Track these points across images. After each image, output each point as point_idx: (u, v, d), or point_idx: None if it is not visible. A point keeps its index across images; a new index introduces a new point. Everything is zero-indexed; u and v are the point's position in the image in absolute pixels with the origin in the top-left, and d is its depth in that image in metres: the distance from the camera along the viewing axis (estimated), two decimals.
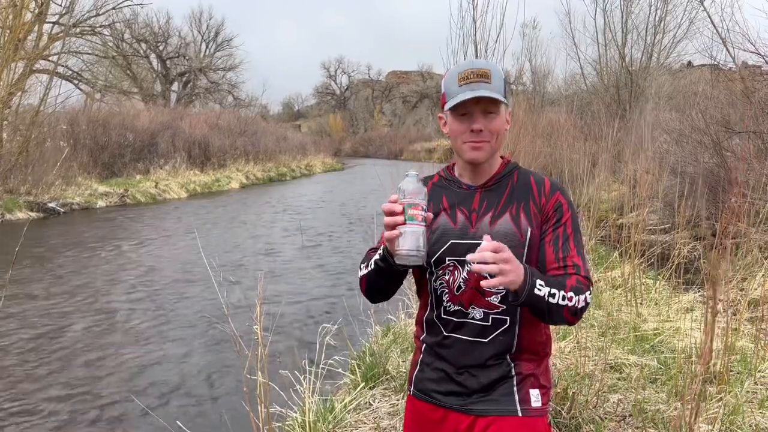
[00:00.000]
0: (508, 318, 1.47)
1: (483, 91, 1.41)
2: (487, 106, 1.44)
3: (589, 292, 1.44)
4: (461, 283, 1.48)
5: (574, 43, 19.71)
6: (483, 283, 1.36)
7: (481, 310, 1.47)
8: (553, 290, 1.37)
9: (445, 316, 1.52)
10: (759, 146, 6.88)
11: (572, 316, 1.40)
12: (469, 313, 1.49)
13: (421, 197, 1.34)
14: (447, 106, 1.48)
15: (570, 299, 1.39)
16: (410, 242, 1.32)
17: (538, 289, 1.34)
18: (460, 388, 1.51)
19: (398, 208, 1.34)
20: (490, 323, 1.47)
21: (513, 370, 1.49)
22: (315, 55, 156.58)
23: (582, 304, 1.41)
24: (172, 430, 3.34)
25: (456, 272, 1.49)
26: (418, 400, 1.59)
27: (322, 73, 77.70)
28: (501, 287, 1.34)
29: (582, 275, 1.44)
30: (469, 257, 1.31)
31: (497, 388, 1.49)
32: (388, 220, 1.35)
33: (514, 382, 1.49)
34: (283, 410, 3.22)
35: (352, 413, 3.19)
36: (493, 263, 1.27)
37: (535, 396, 1.49)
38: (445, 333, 1.52)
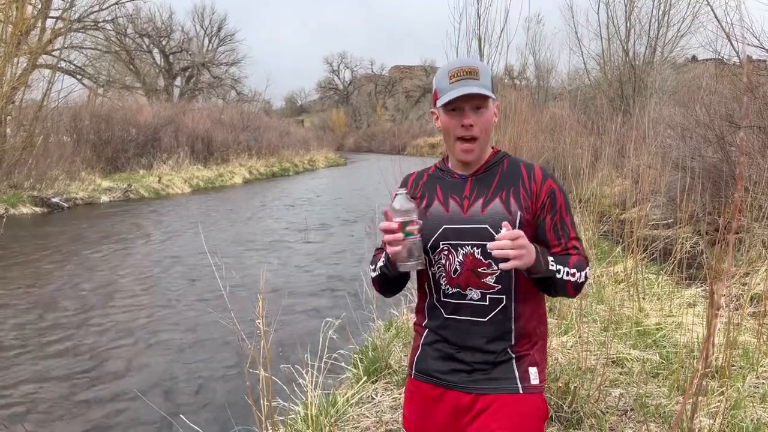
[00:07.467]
0: (504, 297, 1.55)
1: (473, 88, 1.49)
2: (477, 101, 1.53)
3: (588, 268, 1.59)
4: (457, 266, 1.55)
5: (576, 38, 19.65)
6: (501, 265, 1.42)
7: (478, 290, 1.54)
8: (559, 266, 1.51)
9: (444, 299, 1.59)
10: (763, 141, 6.85)
11: (573, 289, 1.55)
12: (467, 295, 1.55)
13: (414, 212, 1.49)
14: (439, 103, 1.55)
15: (573, 274, 1.52)
16: (412, 253, 1.48)
17: (551, 264, 1.49)
18: (461, 365, 1.57)
19: (395, 226, 1.47)
20: (488, 303, 1.55)
21: (512, 352, 1.56)
22: (318, 50, 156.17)
23: (583, 279, 1.56)
24: (175, 423, 3.36)
25: (451, 256, 1.56)
26: (418, 381, 1.65)
27: (325, 68, 77.56)
28: (515, 268, 1.43)
29: (582, 255, 1.59)
30: (489, 245, 1.41)
31: (497, 368, 1.56)
32: (389, 237, 1.47)
33: (514, 362, 1.56)
34: (285, 404, 3.24)
35: (354, 407, 3.21)
36: (511, 249, 1.38)
37: (533, 374, 1.57)
38: (445, 315, 1.59)
